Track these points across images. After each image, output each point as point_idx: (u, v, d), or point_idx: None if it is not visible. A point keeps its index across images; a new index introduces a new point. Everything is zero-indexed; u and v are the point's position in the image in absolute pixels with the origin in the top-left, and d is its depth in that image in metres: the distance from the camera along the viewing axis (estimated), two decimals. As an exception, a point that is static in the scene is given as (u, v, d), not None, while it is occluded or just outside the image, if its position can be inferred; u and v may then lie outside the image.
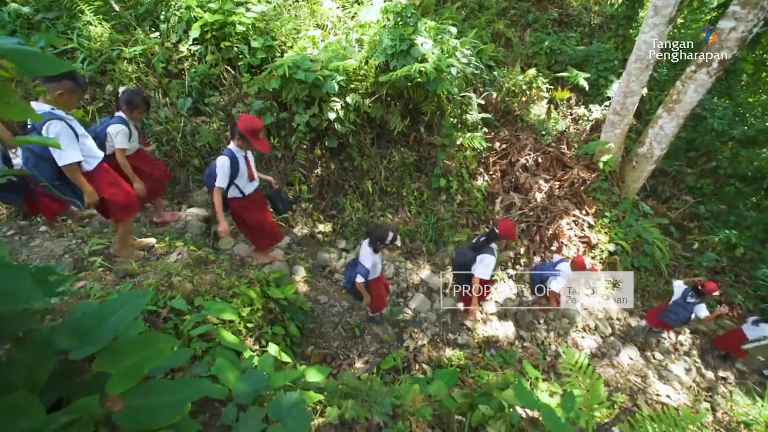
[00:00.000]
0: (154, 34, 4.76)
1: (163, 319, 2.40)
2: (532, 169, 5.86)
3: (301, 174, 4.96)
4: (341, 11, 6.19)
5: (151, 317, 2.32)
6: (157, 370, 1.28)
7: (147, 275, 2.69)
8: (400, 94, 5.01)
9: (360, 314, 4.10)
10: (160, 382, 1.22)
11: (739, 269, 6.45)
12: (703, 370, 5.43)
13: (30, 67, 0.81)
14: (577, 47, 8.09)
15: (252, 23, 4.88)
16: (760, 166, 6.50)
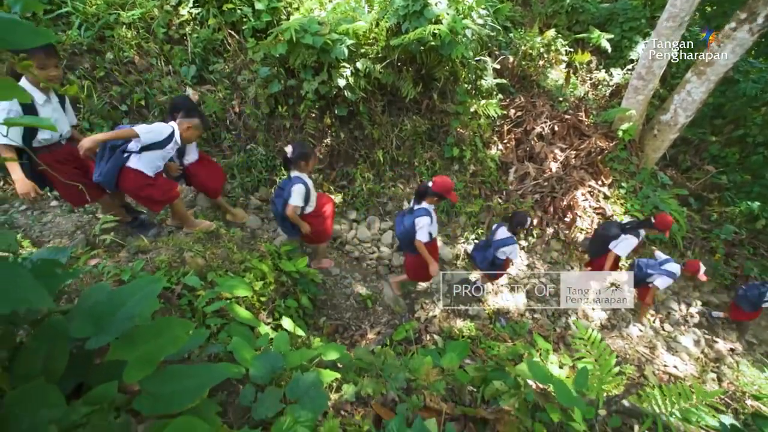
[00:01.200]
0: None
1: (177, 296, 2.41)
2: (548, 138, 5.64)
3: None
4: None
5: (165, 294, 2.33)
6: (175, 355, 1.27)
7: (159, 251, 2.69)
8: (412, 59, 4.76)
9: (371, 286, 4.12)
10: (178, 368, 1.21)
11: (758, 242, 6.29)
12: (712, 342, 5.44)
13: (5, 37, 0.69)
14: (601, 5, 7.56)
15: (255, -18, 4.60)
16: (792, 134, 6.18)
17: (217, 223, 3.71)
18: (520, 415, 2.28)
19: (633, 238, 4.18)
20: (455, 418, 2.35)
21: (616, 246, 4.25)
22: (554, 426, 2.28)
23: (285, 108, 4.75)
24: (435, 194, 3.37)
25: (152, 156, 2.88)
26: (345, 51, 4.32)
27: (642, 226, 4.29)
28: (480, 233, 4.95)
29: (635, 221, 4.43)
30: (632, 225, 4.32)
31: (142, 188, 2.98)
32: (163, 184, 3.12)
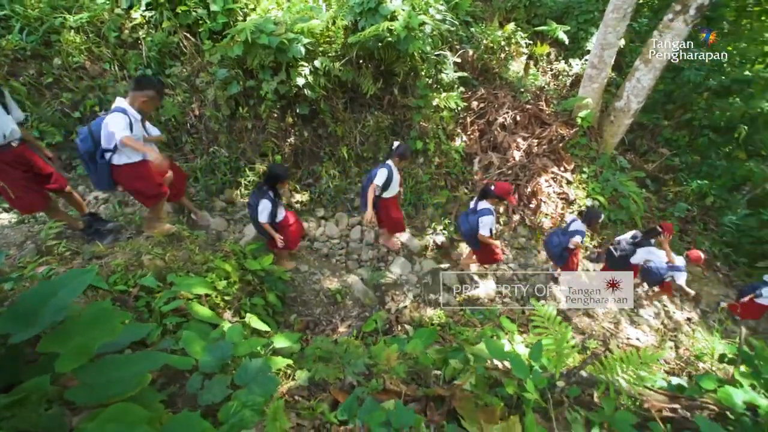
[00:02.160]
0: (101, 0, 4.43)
1: (134, 298, 2.41)
2: (511, 128, 5.81)
3: (273, 144, 4.84)
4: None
5: (121, 297, 2.32)
6: (113, 346, 1.29)
7: (115, 256, 2.67)
8: (371, 56, 4.82)
9: (341, 280, 4.16)
10: (115, 358, 1.23)
11: (708, 217, 6.67)
12: (671, 313, 5.73)
13: None
14: (556, -1, 7.81)
15: (209, -17, 4.57)
16: (732, 116, 6.55)
17: (180, 226, 3.68)
18: (478, 391, 2.38)
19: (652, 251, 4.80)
20: (417, 398, 2.43)
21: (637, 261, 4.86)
22: (511, 398, 2.39)
23: (246, 109, 4.74)
24: (496, 196, 3.93)
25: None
26: (302, 50, 4.35)
27: (650, 236, 4.77)
28: (447, 224, 5.07)
29: (641, 235, 4.86)
30: (641, 239, 4.81)
31: (133, 180, 3.09)
32: (154, 177, 3.17)
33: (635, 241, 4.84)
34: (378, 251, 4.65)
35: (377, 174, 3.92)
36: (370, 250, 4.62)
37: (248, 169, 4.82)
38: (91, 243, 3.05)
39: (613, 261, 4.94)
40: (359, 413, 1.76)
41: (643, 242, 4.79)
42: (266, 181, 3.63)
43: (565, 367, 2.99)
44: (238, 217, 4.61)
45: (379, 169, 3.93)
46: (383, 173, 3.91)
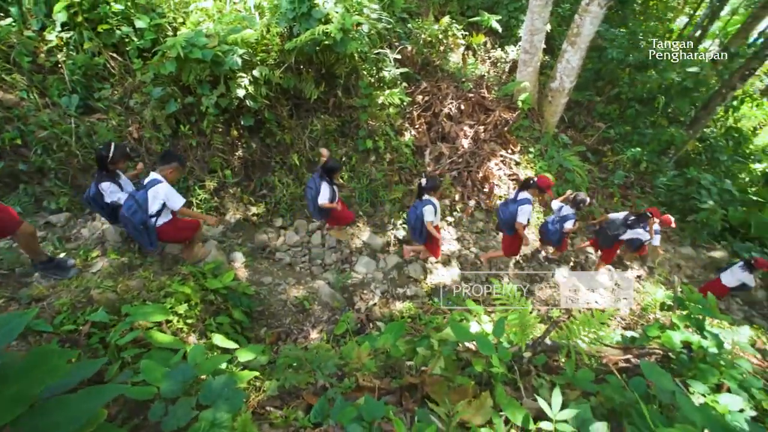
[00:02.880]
0: (5, 21, 4.10)
1: (86, 336, 2.30)
2: (456, 117, 6.01)
3: (221, 159, 4.73)
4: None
5: (70, 337, 2.21)
6: (60, 387, 1.24)
7: (59, 295, 2.52)
8: (310, 60, 4.82)
9: (307, 287, 4.15)
10: (61, 399, 1.19)
11: (644, 182, 7.23)
12: (622, 273, 6.18)
13: None
14: (486, -10, 8.12)
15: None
16: (651, 88, 7.13)
17: (131, 255, 3.53)
18: (448, 373, 2.48)
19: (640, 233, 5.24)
20: (391, 391, 2.49)
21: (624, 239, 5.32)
22: (481, 376, 2.51)
23: (188, 126, 4.60)
24: (538, 188, 4.27)
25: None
26: (238, 61, 4.28)
27: (642, 221, 5.22)
28: (406, 217, 5.17)
29: (633, 217, 5.27)
30: (633, 221, 5.23)
31: (179, 232, 3.62)
32: (188, 221, 3.70)
33: (628, 223, 5.31)
34: (341, 253, 4.68)
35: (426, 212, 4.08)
36: (333, 253, 4.64)
37: (198, 187, 4.68)
38: (48, 279, 2.88)
39: (605, 238, 5.42)
40: (332, 413, 1.79)
41: (635, 225, 5.27)
42: (325, 172, 4.07)
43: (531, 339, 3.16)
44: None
45: (425, 206, 4.08)
46: (430, 209, 4.10)
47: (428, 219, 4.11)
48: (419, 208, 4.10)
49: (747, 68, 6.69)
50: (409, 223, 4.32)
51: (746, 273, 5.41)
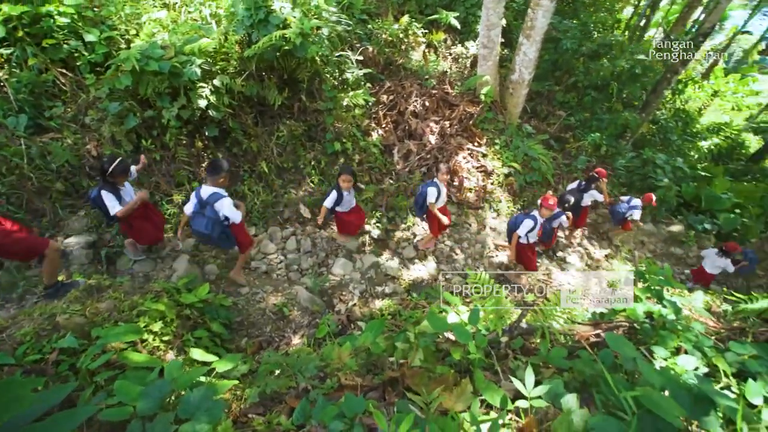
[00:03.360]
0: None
1: (54, 364, 2.22)
2: (422, 114, 6.11)
3: (188, 171, 4.64)
4: (187, -17, 5.58)
5: (35, 368, 2.13)
6: (27, 417, 1.22)
7: (20, 325, 2.43)
8: (271, 66, 4.80)
9: (285, 294, 4.14)
10: (29, 428, 1.17)
11: (605, 164, 7.57)
12: (592, 253, 6.46)
13: None
14: (444, -13, 8.27)
15: (76, 12, 4.22)
16: (605, 75, 7.49)
17: (98, 276, 3.43)
18: (428, 364, 2.55)
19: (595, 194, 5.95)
20: (374, 387, 2.54)
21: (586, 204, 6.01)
22: (461, 364, 2.59)
23: (150, 141, 4.48)
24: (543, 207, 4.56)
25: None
26: (197, 71, 4.21)
27: (591, 182, 5.86)
28: (379, 216, 5.23)
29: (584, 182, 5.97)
30: (585, 185, 5.92)
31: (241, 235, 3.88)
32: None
33: (580, 188, 5.89)
34: (317, 257, 4.68)
35: (429, 192, 4.45)
36: (309, 257, 4.63)
37: (166, 202, 4.57)
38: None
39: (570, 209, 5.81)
40: (314, 414, 1.82)
41: (587, 188, 5.85)
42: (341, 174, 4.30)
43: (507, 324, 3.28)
44: (164, 254, 4.37)
45: (428, 187, 4.46)
46: (433, 191, 4.45)
47: (430, 200, 4.47)
48: (424, 188, 4.50)
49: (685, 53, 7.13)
50: (417, 198, 4.72)
51: (723, 259, 5.74)
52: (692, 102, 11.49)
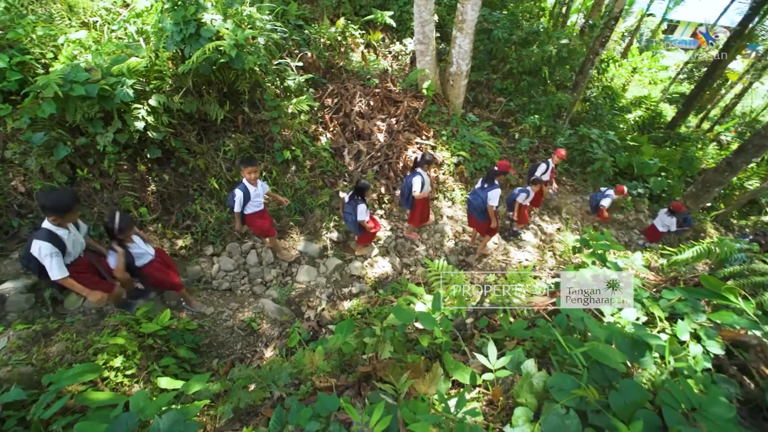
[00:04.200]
0: None
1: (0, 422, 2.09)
2: (368, 114, 6.21)
3: (133, 197, 4.43)
4: (108, 1, 5.30)
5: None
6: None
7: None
8: (209, 81, 4.69)
9: (251, 308, 4.09)
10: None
11: (546, 144, 8.07)
12: (544, 228, 6.86)
13: None
14: (376, -13, 8.40)
15: (-22, 37, 3.90)
16: (536, 61, 7.97)
17: (43, 320, 3.22)
18: (398, 355, 2.65)
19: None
20: (349, 385, 2.61)
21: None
22: (429, 350, 2.71)
23: (86, 170, 4.24)
24: (500, 173, 4.76)
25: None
26: (130, 92, 4.03)
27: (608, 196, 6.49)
28: (337, 219, 5.27)
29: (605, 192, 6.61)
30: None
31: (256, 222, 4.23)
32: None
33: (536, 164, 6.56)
34: (280, 267, 4.65)
35: (414, 182, 4.68)
36: (272, 269, 4.59)
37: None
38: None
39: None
40: (289, 419, 1.86)
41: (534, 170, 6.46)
42: (356, 193, 4.37)
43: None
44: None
45: (413, 177, 4.70)
46: (418, 180, 4.69)
47: (415, 189, 4.71)
48: (410, 179, 4.74)
49: (602, 36, 7.74)
50: (402, 189, 4.96)
51: (670, 218, 6.48)
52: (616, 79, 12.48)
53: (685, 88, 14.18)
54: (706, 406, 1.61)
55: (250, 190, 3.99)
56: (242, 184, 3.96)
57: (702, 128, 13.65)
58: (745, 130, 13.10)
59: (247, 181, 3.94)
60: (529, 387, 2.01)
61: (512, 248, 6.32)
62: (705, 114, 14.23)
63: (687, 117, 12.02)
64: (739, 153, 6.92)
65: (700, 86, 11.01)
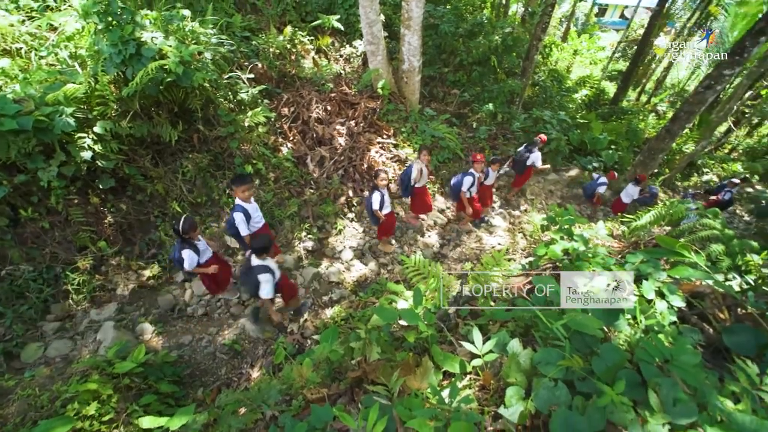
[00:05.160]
0: None
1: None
2: (326, 119, 6.17)
3: (89, 232, 4.18)
4: (31, 24, 4.94)
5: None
6: None
7: None
8: (158, 102, 4.50)
9: (231, 330, 3.97)
10: None
11: (504, 130, 8.33)
12: (512, 212, 7.09)
13: None
14: (319, -8, 8.34)
15: None
16: (483, 51, 8.21)
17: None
18: (387, 354, 2.65)
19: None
20: (342, 393, 2.59)
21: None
22: (417, 345, 2.73)
23: (31, 209, 3.96)
24: (475, 161, 5.23)
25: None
26: (70, 121, 3.80)
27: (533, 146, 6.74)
28: (308, 227, 5.21)
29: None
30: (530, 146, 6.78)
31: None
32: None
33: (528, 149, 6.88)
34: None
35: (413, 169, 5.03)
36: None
37: (70, 271, 4.08)
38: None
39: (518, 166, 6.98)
40: (285, 437, 1.82)
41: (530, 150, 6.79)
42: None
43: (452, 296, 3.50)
44: (82, 329, 3.91)
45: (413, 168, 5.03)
46: (417, 166, 5.02)
47: (413, 176, 5.00)
48: (409, 169, 5.05)
49: (542, 22, 8.09)
50: (402, 178, 5.25)
51: (635, 188, 7.02)
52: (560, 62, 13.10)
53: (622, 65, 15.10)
54: (676, 355, 1.73)
55: (249, 209, 3.80)
56: (238, 206, 3.73)
57: (641, 101, 14.61)
58: (676, 99, 14.15)
59: (242, 200, 3.73)
60: (516, 366, 2.07)
61: (484, 234, 6.48)
62: (642, 88, 15.27)
63: (627, 92, 12.82)
64: (674, 121, 7.44)
65: (634, 63, 11.77)
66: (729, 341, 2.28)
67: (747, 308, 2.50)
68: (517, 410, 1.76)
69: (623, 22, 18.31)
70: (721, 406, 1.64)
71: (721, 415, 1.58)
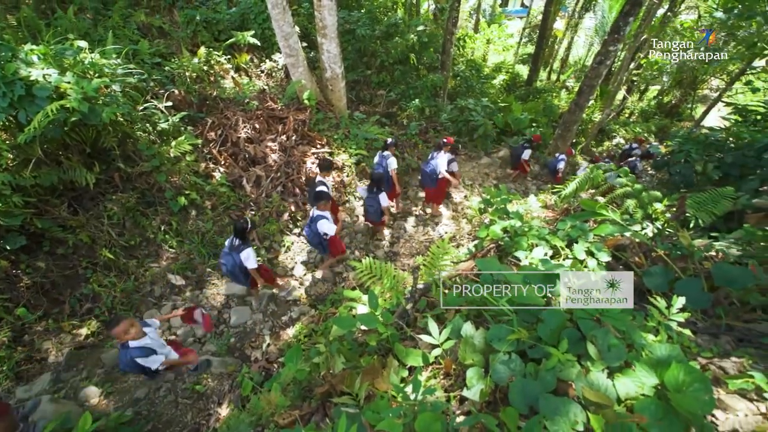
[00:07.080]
0: None
1: None
2: (256, 138, 6.04)
3: (1, 301, 3.75)
4: None
5: None
6: None
7: None
8: (64, 144, 4.13)
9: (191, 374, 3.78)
10: None
11: (434, 123, 8.68)
12: (453, 199, 7.39)
13: None
14: (229, 10, 8.09)
15: None
16: (402, 50, 8.50)
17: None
18: (352, 362, 2.70)
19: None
20: (314, 410, 2.59)
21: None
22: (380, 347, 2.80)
23: (-74, 287, 3.48)
24: (448, 145, 5.72)
25: None
26: (-41, 182, 3.39)
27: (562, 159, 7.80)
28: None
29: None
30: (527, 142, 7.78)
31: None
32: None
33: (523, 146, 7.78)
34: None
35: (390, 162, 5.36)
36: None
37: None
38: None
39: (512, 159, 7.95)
40: (260, 471, 1.80)
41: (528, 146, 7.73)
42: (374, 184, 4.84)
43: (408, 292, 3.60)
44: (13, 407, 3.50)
45: (388, 159, 5.37)
46: (394, 160, 5.45)
47: (393, 167, 5.37)
48: (384, 161, 5.39)
49: (452, 17, 8.54)
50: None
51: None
52: (476, 52, 13.87)
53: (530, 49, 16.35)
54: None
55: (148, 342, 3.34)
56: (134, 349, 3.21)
57: (551, 80, 15.93)
58: (580, 75, 15.66)
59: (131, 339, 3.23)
60: (472, 348, 2.21)
61: (429, 226, 6.71)
62: (550, 67, 16.69)
63: (538, 73, 13.93)
64: (580, 94, 8.24)
65: (539, 46, 12.82)
66: (648, 282, 2.63)
67: (658, 251, 2.89)
68: (478, 389, 1.90)
69: (524, 10, 19.88)
70: (643, 342, 1.91)
71: (644, 349, 1.83)
